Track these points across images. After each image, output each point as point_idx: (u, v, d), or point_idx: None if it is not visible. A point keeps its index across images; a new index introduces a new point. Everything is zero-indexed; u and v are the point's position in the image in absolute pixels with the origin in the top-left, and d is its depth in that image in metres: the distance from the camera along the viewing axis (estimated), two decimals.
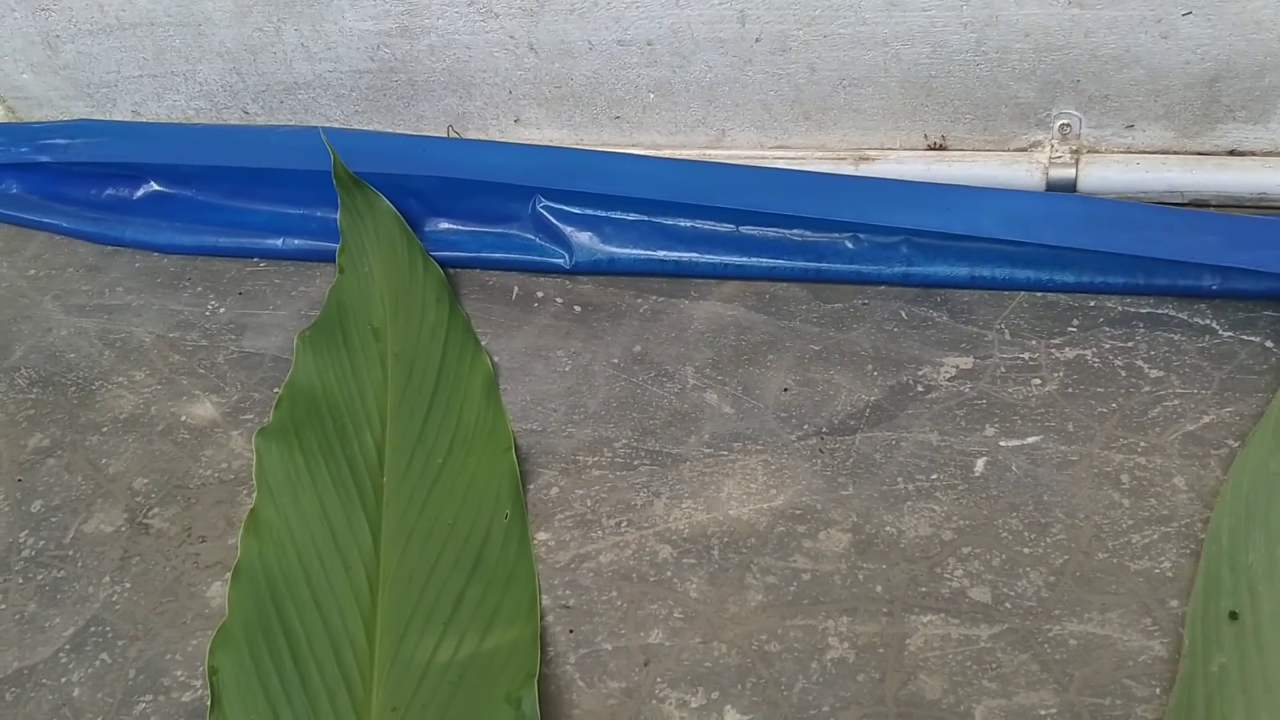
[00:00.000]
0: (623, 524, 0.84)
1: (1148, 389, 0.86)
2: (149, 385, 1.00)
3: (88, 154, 1.15)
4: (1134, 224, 0.89)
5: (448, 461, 0.87)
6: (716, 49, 1.01)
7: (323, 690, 0.74)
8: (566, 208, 1.03)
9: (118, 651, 0.80)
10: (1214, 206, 0.98)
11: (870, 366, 0.91)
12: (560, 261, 1.03)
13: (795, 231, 0.98)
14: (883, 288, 0.97)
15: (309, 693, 0.75)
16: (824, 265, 0.98)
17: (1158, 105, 0.95)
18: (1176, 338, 0.89)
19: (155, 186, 1.15)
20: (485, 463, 0.87)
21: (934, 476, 0.83)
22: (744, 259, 1.00)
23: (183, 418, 0.97)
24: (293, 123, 1.17)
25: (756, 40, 0.99)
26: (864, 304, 0.97)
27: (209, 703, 0.74)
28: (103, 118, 1.23)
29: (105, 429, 0.96)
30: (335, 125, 1.14)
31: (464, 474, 0.86)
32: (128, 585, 0.85)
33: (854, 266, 0.97)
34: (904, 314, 0.95)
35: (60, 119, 1.24)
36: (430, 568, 0.80)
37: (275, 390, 0.94)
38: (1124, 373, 0.87)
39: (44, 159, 1.17)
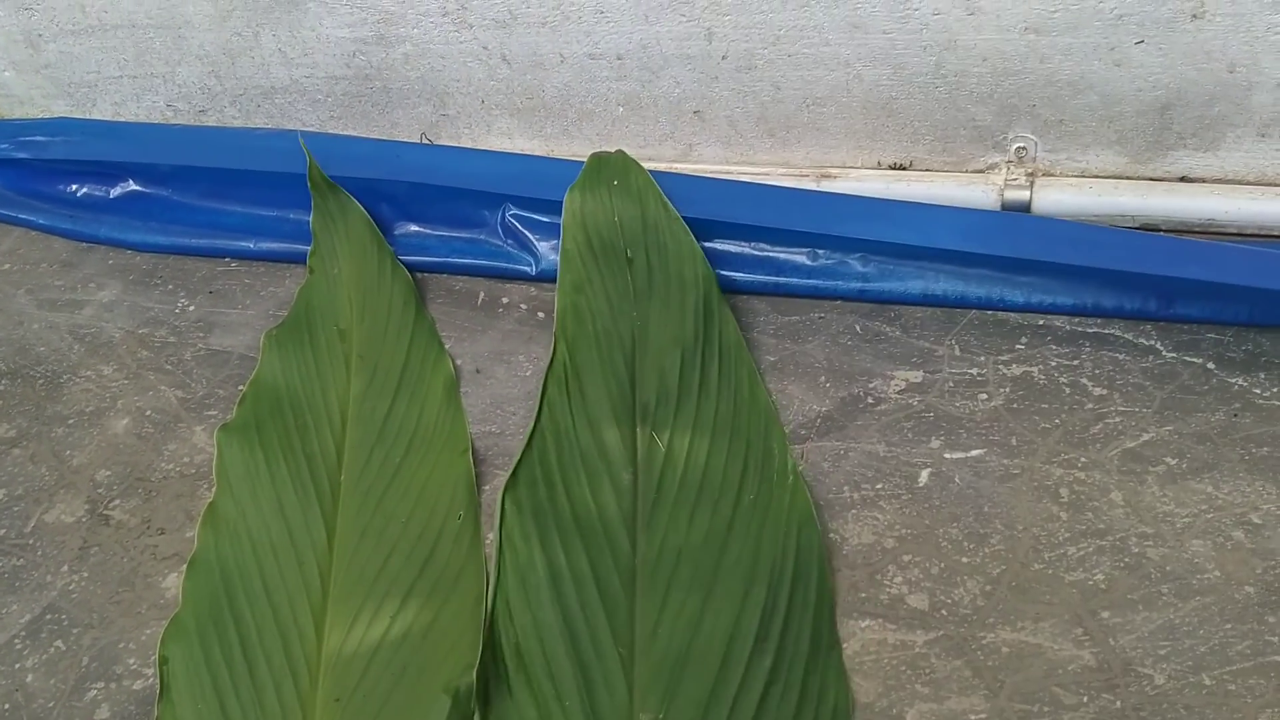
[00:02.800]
0: None
1: (1091, 406, 0.88)
2: (116, 380, 1.01)
3: (67, 152, 1.17)
4: (1081, 240, 0.92)
5: (405, 461, 0.88)
6: (684, 65, 1.03)
7: (269, 681, 0.76)
8: (535, 216, 1.05)
9: (72, 639, 0.81)
10: (1164, 231, 0.99)
11: (823, 378, 0.93)
12: (527, 269, 1.05)
13: (755, 245, 1.00)
14: (839, 303, 0.99)
15: (256, 683, 0.76)
16: (782, 280, 1.00)
17: (1111, 131, 0.97)
18: (1121, 357, 0.91)
19: (132, 185, 1.17)
20: (442, 464, 0.88)
21: (879, 486, 0.84)
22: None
23: (147, 412, 0.98)
24: (269, 126, 1.19)
25: (723, 58, 1.01)
26: (820, 318, 0.98)
27: (159, 691, 0.75)
28: (83, 117, 1.24)
29: (71, 421, 0.98)
30: (311, 130, 1.16)
31: (420, 474, 0.88)
32: (85, 575, 0.86)
33: (812, 282, 0.99)
34: (858, 328, 0.97)
35: (41, 117, 1.25)
36: (381, 564, 0.81)
37: (240, 387, 0.95)
38: (1068, 390, 0.89)
39: (23, 155, 1.19)
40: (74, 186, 1.18)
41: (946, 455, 0.86)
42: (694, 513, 0.81)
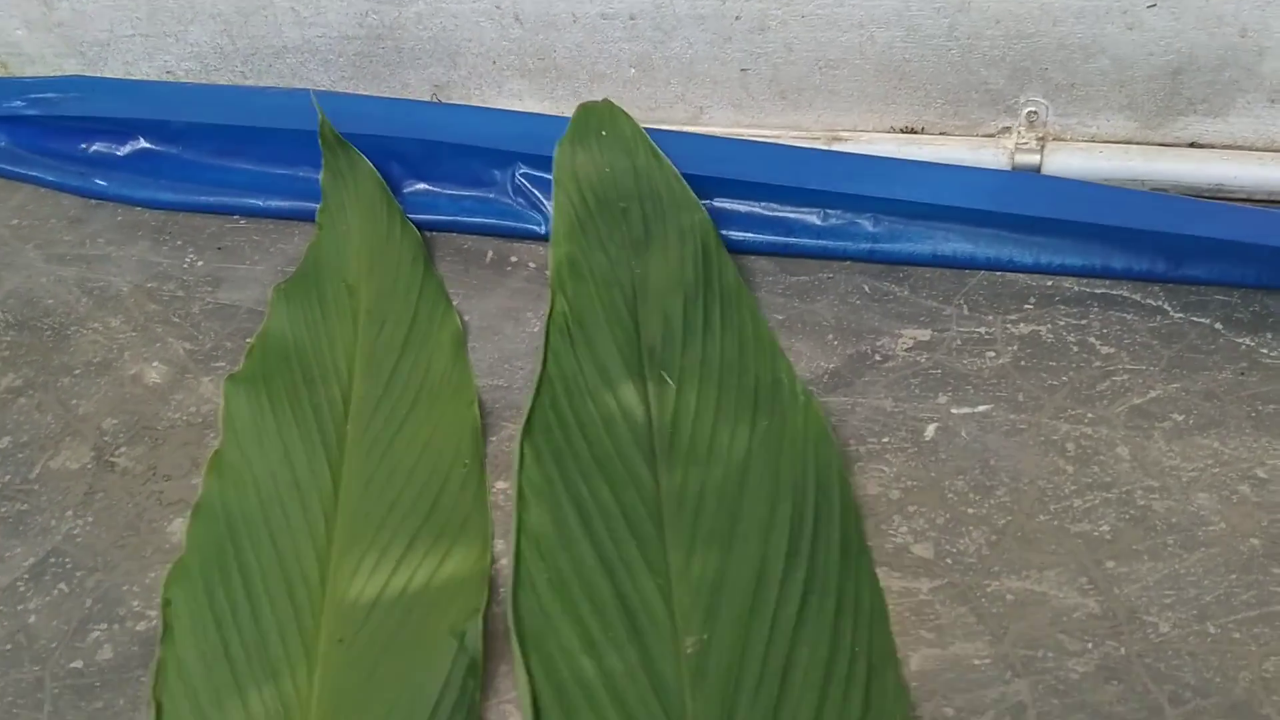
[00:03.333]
0: None
1: (1098, 364, 0.88)
2: (124, 332, 1.01)
3: (77, 109, 1.17)
4: (1090, 199, 0.92)
5: (412, 413, 0.88)
6: (697, 25, 1.03)
7: (273, 622, 0.75)
8: (546, 175, 1.04)
9: (76, 582, 0.81)
10: None
11: (831, 336, 0.93)
12: (536, 228, 1.05)
13: (765, 205, 1.00)
14: (848, 263, 0.99)
15: (259, 625, 0.76)
16: (792, 240, 1.00)
17: (1122, 95, 0.97)
18: (1129, 317, 0.91)
19: (143, 143, 1.17)
20: (448, 415, 0.88)
21: (885, 440, 0.84)
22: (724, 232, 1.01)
23: (155, 363, 0.98)
24: (280, 86, 1.19)
25: (736, 18, 1.02)
26: (829, 278, 0.98)
27: (161, 632, 0.75)
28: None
29: (78, 371, 0.98)
30: (322, 89, 1.16)
31: (426, 425, 0.87)
32: (90, 520, 0.86)
33: (821, 242, 0.99)
34: (866, 288, 0.97)
35: (52, 75, 1.25)
36: (386, 510, 0.81)
37: (248, 340, 0.95)
38: (1076, 348, 0.89)
39: (33, 113, 1.18)
40: (84, 144, 1.18)
41: (953, 410, 0.86)
42: (711, 442, 0.82)
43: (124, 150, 1.17)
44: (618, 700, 0.70)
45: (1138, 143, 1.00)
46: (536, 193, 1.05)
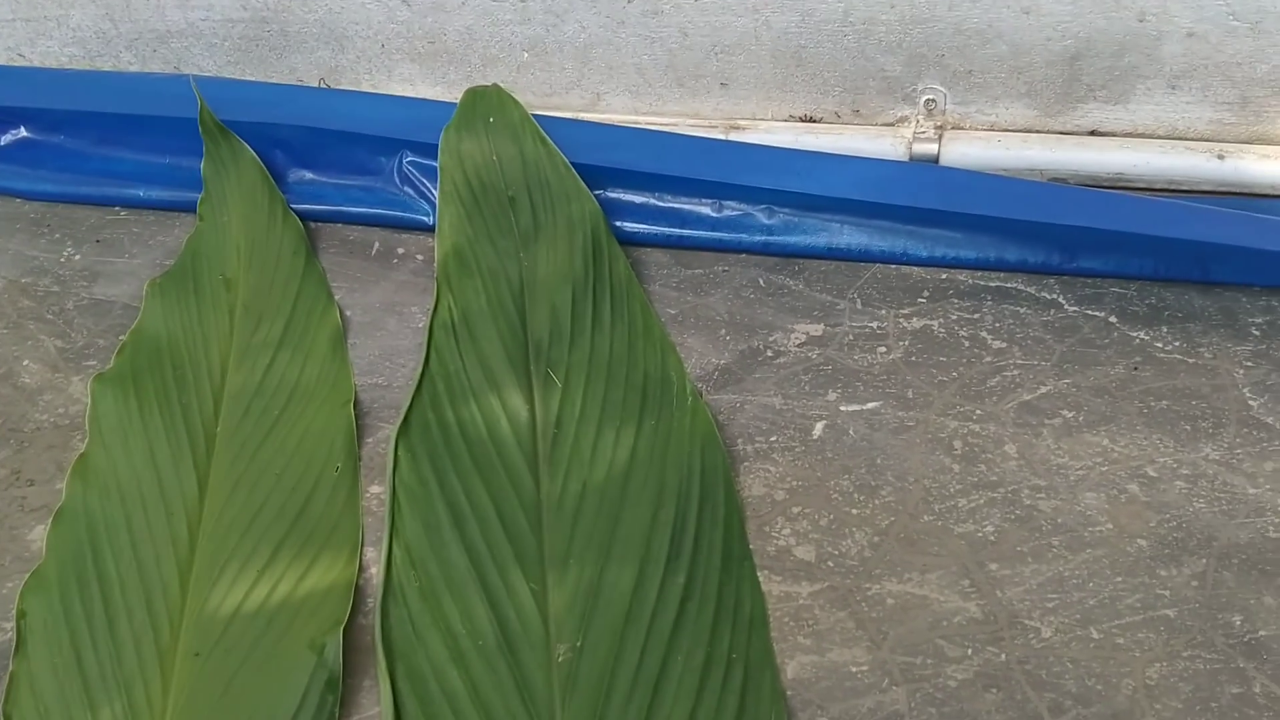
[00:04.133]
0: None
1: (989, 359, 0.86)
2: None
3: None
4: (983, 190, 0.90)
5: (285, 413, 0.85)
6: (589, 8, 1.00)
7: (129, 635, 0.72)
8: (434, 163, 1.01)
9: None
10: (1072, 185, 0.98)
11: (724, 331, 0.91)
12: (424, 218, 1.01)
13: (659, 196, 0.97)
14: (744, 256, 0.97)
15: (115, 638, 0.72)
16: (687, 232, 0.97)
17: (1020, 83, 0.95)
18: (1022, 310, 0.89)
19: (23, 132, 1.12)
20: (323, 415, 0.85)
21: (773, 438, 0.82)
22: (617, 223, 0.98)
23: (25, 362, 0.94)
24: (165, 72, 1.15)
25: (629, 1, 0.98)
26: (724, 270, 0.96)
27: (14, 646, 0.72)
28: None
29: None
30: (207, 75, 1.12)
31: (299, 426, 0.84)
32: None
33: (716, 234, 0.97)
34: (761, 281, 0.94)
35: None
36: (252, 516, 0.78)
37: (121, 337, 0.92)
38: (968, 343, 0.87)
39: None
40: None
41: (842, 408, 0.83)
42: (596, 444, 0.79)
43: (4, 140, 1.13)
44: (484, 713, 0.67)
45: (1038, 131, 0.98)
46: (424, 181, 1.01)
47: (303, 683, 0.69)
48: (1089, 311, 0.88)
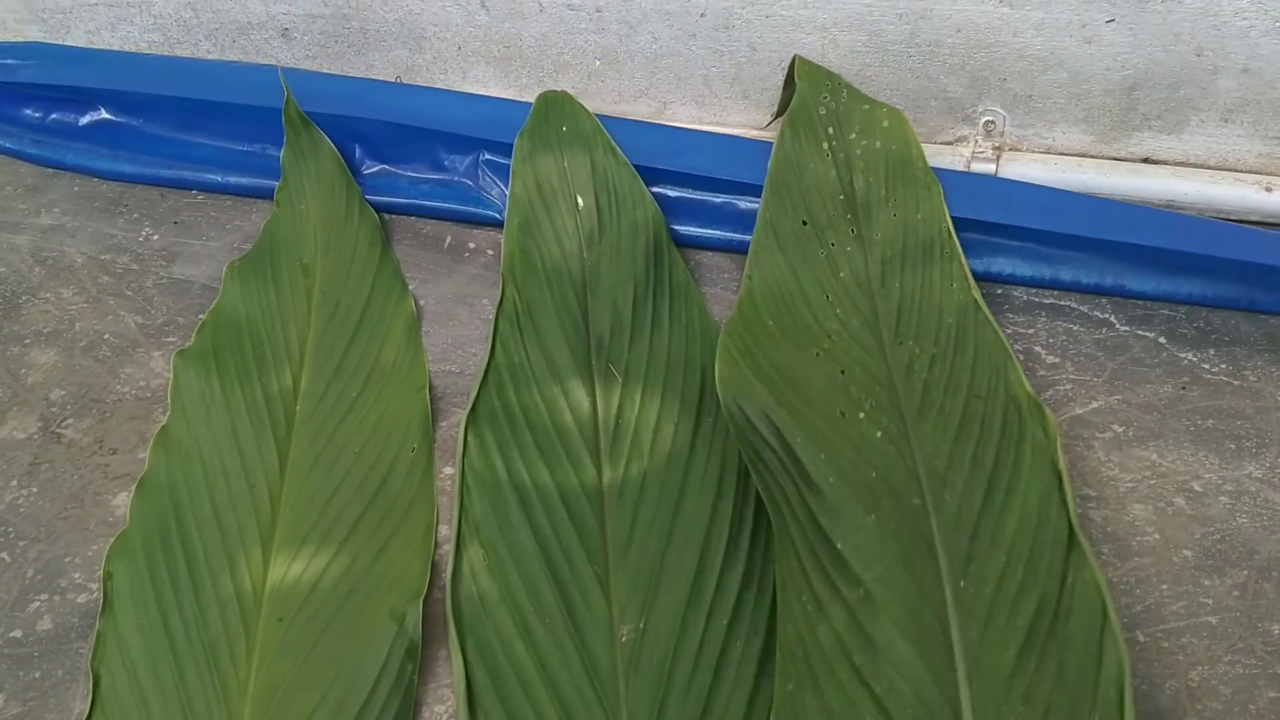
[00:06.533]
0: None
1: (1042, 373, 0.89)
2: (75, 303, 1.01)
3: (37, 76, 1.16)
4: (1042, 204, 0.94)
5: (361, 396, 0.89)
6: (663, 20, 1.03)
7: (214, 599, 0.76)
8: (506, 161, 1.04)
9: (18, 552, 0.81)
10: None
11: None
12: (496, 214, 1.05)
13: (723, 199, 1.01)
14: None
15: (200, 600, 0.76)
16: (749, 237, 1.00)
17: (1078, 109, 0.99)
18: (1075, 328, 0.92)
19: (103, 114, 1.16)
20: (399, 399, 0.89)
21: None
22: (679, 226, 1.02)
23: (106, 336, 0.98)
24: (244, 61, 1.18)
25: (701, 15, 1.02)
26: None
27: (101, 605, 0.75)
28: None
29: (27, 341, 0.97)
30: (285, 67, 1.15)
31: (376, 409, 0.88)
32: (34, 490, 0.85)
33: None
34: None
35: (12, 40, 1.24)
36: (332, 492, 0.82)
37: (200, 316, 0.95)
38: (1022, 356, 0.90)
39: None
40: (43, 112, 1.17)
41: None
42: (656, 437, 0.82)
43: (84, 120, 1.16)
44: (552, 686, 0.70)
45: (1093, 156, 1.01)
46: (497, 180, 1.05)
47: (384, 649, 0.72)
48: (1140, 332, 0.92)
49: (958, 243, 0.90)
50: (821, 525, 0.71)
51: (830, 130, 0.98)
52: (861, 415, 0.77)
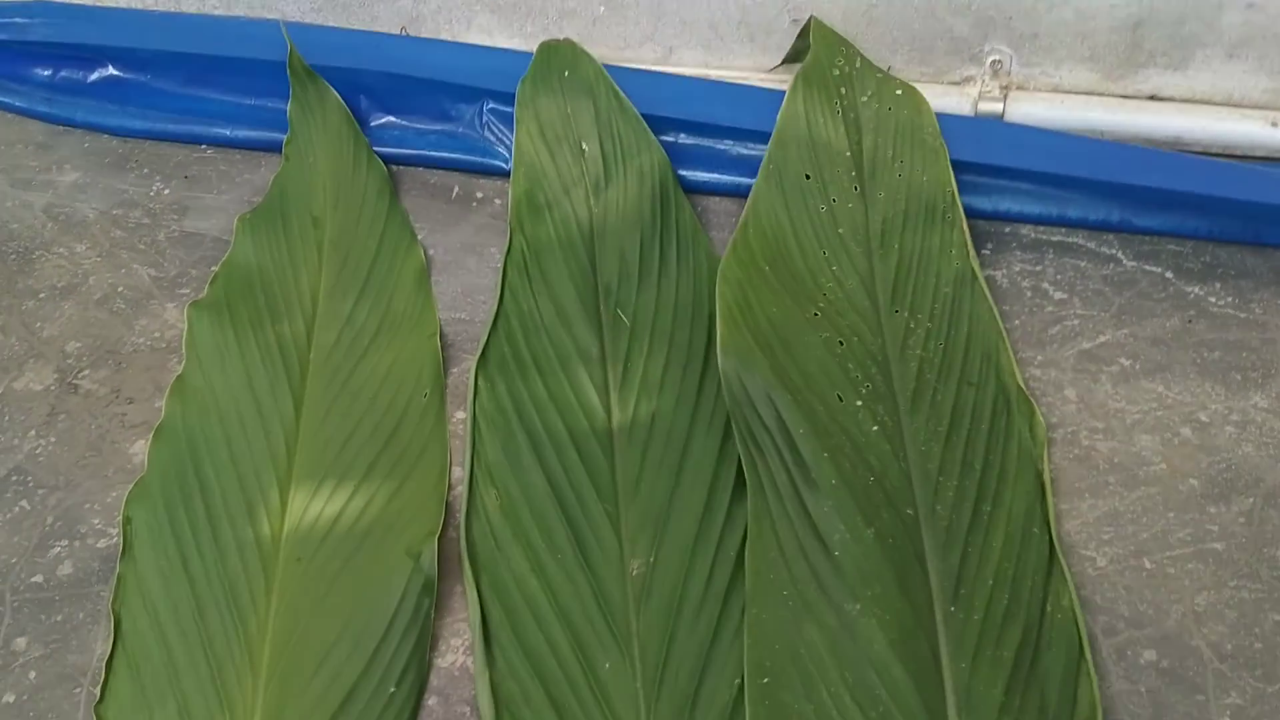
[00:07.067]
0: None
1: (1050, 309, 0.89)
2: (89, 257, 1.02)
3: (45, 34, 1.16)
4: (1050, 148, 0.94)
5: (374, 343, 0.89)
6: None
7: (232, 541, 0.77)
8: (511, 110, 1.05)
9: (38, 500, 0.82)
10: None
11: None
12: (503, 164, 1.05)
13: (729, 145, 1.01)
14: None
15: (219, 543, 0.77)
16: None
17: (1084, 47, 0.99)
18: (1083, 264, 0.93)
19: (111, 70, 1.16)
20: (410, 346, 0.90)
21: None
22: (685, 172, 1.02)
23: (120, 288, 0.98)
24: (250, 16, 1.18)
25: None
26: None
27: (121, 549, 0.77)
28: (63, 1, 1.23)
29: (42, 295, 0.98)
30: (291, 20, 1.16)
31: (388, 355, 0.89)
32: (52, 440, 0.86)
33: None
34: None
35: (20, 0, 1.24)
36: (347, 436, 0.83)
37: (212, 268, 0.96)
38: (1030, 293, 0.91)
39: (1, 38, 1.18)
40: (52, 70, 1.18)
41: None
42: (664, 379, 0.83)
43: (92, 77, 1.17)
44: (565, 619, 0.72)
45: (1099, 94, 1.01)
46: (503, 129, 1.05)
47: (401, 585, 0.74)
48: (1146, 267, 0.92)
49: (961, 211, 0.90)
50: (815, 523, 0.71)
51: (843, 91, 0.98)
52: (859, 402, 0.78)
